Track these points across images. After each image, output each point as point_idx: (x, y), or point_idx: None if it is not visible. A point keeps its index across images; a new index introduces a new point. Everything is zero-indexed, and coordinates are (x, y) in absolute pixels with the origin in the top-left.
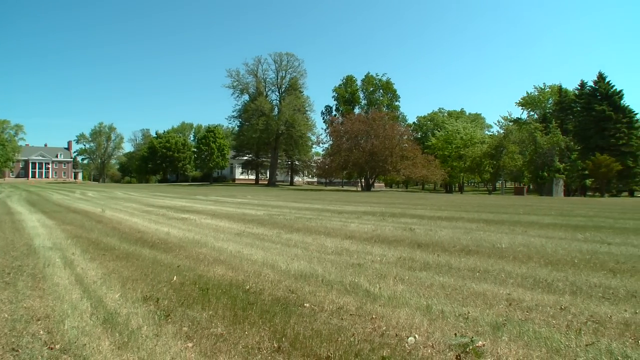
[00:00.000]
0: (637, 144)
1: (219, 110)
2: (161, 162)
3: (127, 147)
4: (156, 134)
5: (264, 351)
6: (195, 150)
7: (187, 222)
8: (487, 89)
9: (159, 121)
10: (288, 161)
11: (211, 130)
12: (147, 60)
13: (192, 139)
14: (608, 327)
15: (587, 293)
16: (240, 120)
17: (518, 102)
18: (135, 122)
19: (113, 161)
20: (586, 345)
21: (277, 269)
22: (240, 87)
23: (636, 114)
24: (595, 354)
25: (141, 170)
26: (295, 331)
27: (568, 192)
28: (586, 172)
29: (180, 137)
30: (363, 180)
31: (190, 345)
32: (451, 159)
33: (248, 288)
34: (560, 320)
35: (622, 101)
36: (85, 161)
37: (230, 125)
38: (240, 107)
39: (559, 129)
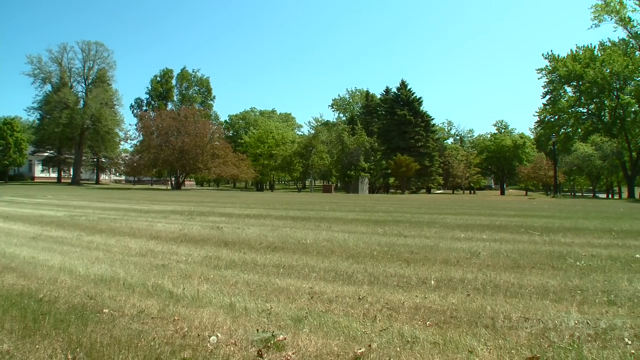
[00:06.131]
0: (433, 146)
1: (17, 101)
2: None
3: None
4: None
5: None
6: None
7: None
8: (298, 90)
9: None
10: (94, 158)
11: (7, 123)
12: None
13: None
14: (401, 313)
15: (383, 282)
16: (41, 112)
17: (331, 104)
18: None
19: None
20: (380, 331)
21: (76, 274)
22: (42, 75)
23: (432, 119)
24: (389, 338)
25: None
26: (92, 340)
27: (372, 190)
28: (389, 170)
29: None
30: (173, 178)
31: None
32: (263, 158)
33: (42, 297)
34: (358, 309)
35: (421, 107)
36: None
37: (29, 118)
38: (41, 97)
39: (364, 130)
